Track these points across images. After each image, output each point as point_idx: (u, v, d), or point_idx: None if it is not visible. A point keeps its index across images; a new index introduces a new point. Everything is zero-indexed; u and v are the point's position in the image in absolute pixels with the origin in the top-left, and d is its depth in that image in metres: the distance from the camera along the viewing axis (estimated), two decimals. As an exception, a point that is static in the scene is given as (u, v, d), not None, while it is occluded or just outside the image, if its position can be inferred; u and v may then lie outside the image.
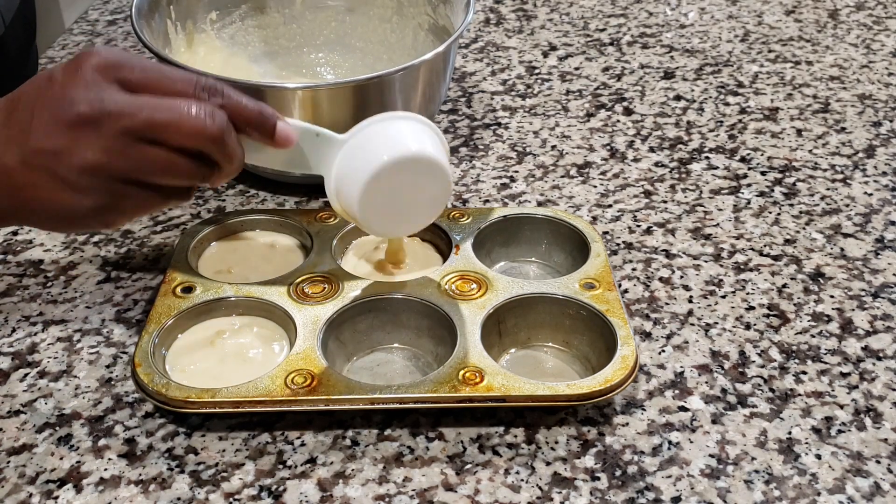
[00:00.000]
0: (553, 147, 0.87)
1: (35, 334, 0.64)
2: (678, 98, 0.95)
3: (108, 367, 0.61)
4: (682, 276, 0.70)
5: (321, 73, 0.92)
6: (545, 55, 1.04)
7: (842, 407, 0.59)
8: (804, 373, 0.61)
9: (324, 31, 0.92)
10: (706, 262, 0.72)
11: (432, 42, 0.86)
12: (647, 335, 0.64)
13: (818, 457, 0.55)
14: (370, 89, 0.73)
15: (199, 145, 0.50)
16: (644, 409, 0.58)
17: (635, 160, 0.85)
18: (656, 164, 0.84)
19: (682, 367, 0.62)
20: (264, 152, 0.55)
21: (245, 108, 0.52)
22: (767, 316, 0.66)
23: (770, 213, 0.78)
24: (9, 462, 0.55)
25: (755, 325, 0.65)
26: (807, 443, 0.56)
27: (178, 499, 0.52)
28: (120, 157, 0.49)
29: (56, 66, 0.51)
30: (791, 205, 0.79)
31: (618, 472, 0.54)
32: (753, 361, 0.62)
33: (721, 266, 0.71)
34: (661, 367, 0.62)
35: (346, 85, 0.74)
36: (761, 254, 0.73)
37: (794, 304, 0.67)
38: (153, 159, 0.50)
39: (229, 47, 0.89)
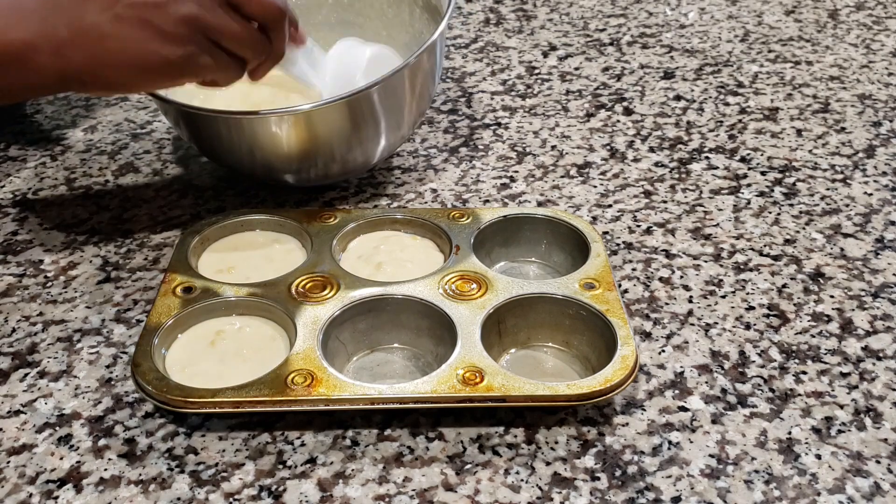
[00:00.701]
0: (553, 147, 0.87)
1: (35, 334, 0.64)
2: (678, 98, 0.95)
3: (108, 367, 0.61)
4: (682, 276, 0.70)
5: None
6: (545, 55, 1.04)
7: (842, 407, 0.59)
8: (804, 373, 0.61)
9: (322, 9, 0.92)
10: (706, 262, 0.72)
11: (427, 20, 0.85)
12: (647, 335, 0.64)
13: (818, 457, 0.55)
14: (360, 101, 0.71)
15: (268, 16, 0.62)
16: (644, 409, 0.58)
17: (635, 160, 0.85)
18: (656, 164, 0.84)
19: (682, 367, 0.62)
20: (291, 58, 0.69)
21: (294, 18, 0.67)
22: (767, 316, 0.66)
23: (770, 213, 0.78)
24: (9, 462, 0.55)
25: (755, 325, 0.65)
26: (807, 443, 0.56)
27: (178, 499, 0.52)
28: (211, 14, 0.59)
29: None
30: (791, 205, 0.79)
31: (618, 472, 0.54)
32: (753, 361, 0.62)
33: (721, 266, 0.71)
34: (661, 367, 0.62)
35: (335, 103, 0.73)
36: (761, 254, 0.73)
37: (794, 304, 0.67)
38: (234, 25, 0.61)
39: None
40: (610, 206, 0.78)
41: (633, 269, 0.71)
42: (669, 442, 0.56)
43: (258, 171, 0.76)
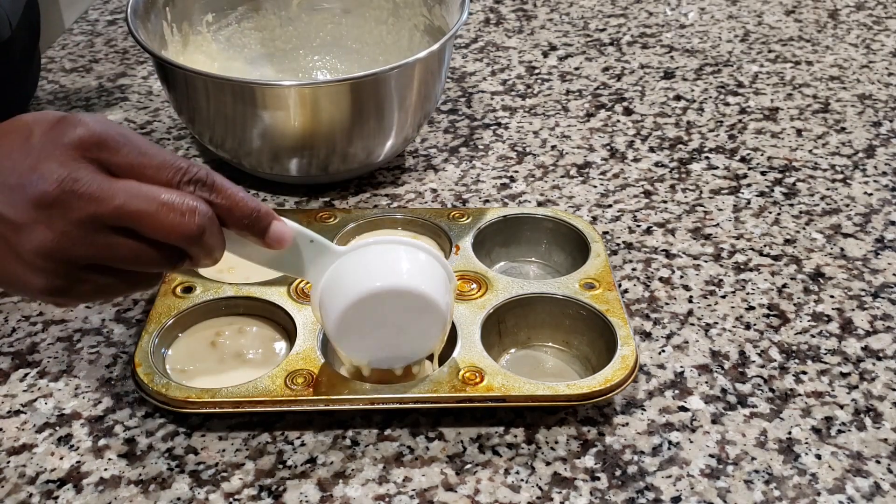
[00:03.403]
0: (553, 147, 0.87)
1: (35, 334, 0.64)
2: (678, 98, 0.95)
3: (108, 367, 0.61)
4: (682, 276, 0.70)
5: (318, 76, 0.93)
6: (545, 55, 1.04)
7: (842, 407, 0.59)
8: (804, 373, 0.61)
9: (320, 33, 0.92)
10: (706, 262, 0.72)
11: (428, 43, 0.86)
12: (647, 335, 0.64)
13: (818, 457, 0.55)
14: (366, 87, 0.73)
15: (173, 241, 0.46)
16: (644, 409, 0.58)
17: (635, 160, 0.85)
18: (656, 164, 0.84)
19: (682, 367, 0.62)
20: (251, 248, 0.52)
21: (238, 204, 0.48)
22: (767, 316, 0.66)
23: (770, 213, 0.78)
24: (9, 462, 0.55)
25: (755, 325, 0.65)
26: (807, 443, 0.56)
27: (178, 499, 0.52)
28: (81, 244, 0.45)
29: (37, 120, 0.46)
30: (791, 205, 0.79)
31: (618, 472, 0.54)
32: (753, 361, 0.62)
33: (721, 266, 0.71)
34: (661, 367, 0.62)
35: (342, 83, 0.74)
36: (761, 254, 0.73)
37: (794, 304, 0.67)
38: (120, 249, 0.46)
39: (226, 49, 0.89)
40: (610, 206, 0.78)
41: (633, 269, 0.71)
42: (669, 442, 0.56)
43: (262, 154, 0.76)
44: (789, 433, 0.57)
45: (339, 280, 0.53)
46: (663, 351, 0.63)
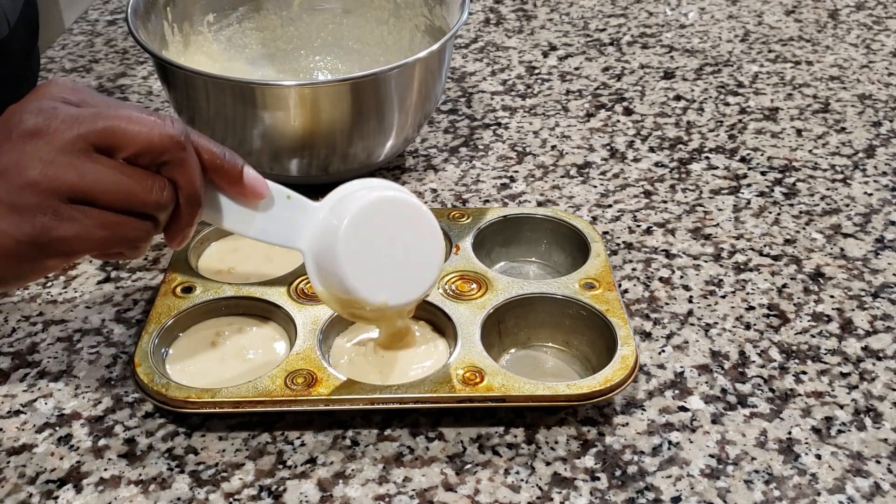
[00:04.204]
0: (553, 147, 0.87)
1: (35, 334, 0.64)
2: (678, 98, 0.95)
3: (108, 367, 0.61)
4: (682, 276, 0.70)
5: (318, 76, 0.93)
6: (545, 55, 1.04)
7: (842, 407, 0.59)
8: (804, 373, 0.61)
9: (321, 33, 0.92)
10: (706, 262, 0.72)
11: (429, 43, 0.86)
12: (647, 335, 0.64)
13: (818, 457, 0.55)
14: (366, 87, 0.73)
15: (156, 153, 0.47)
16: (644, 409, 0.58)
17: (635, 160, 0.85)
18: (656, 164, 0.84)
19: (682, 367, 0.62)
20: (230, 210, 0.52)
21: (211, 147, 0.50)
22: (767, 316, 0.66)
23: (770, 213, 0.78)
24: (9, 462, 0.55)
25: (755, 325, 0.65)
26: (807, 443, 0.56)
27: (178, 499, 0.52)
28: (69, 169, 0.46)
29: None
30: (791, 205, 0.79)
31: (618, 472, 0.54)
32: (753, 361, 0.62)
33: (721, 266, 0.71)
34: (661, 367, 0.62)
35: (342, 83, 0.74)
36: (761, 254, 0.73)
37: (794, 304, 0.67)
38: (104, 176, 0.46)
39: (227, 50, 0.89)
40: (610, 206, 0.78)
41: (633, 269, 0.71)
42: (669, 442, 0.56)
43: (263, 154, 0.76)
44: (789, 433, 0.57)
45: (329, 224, 0.53)
46: (663, 351, 0.63)
